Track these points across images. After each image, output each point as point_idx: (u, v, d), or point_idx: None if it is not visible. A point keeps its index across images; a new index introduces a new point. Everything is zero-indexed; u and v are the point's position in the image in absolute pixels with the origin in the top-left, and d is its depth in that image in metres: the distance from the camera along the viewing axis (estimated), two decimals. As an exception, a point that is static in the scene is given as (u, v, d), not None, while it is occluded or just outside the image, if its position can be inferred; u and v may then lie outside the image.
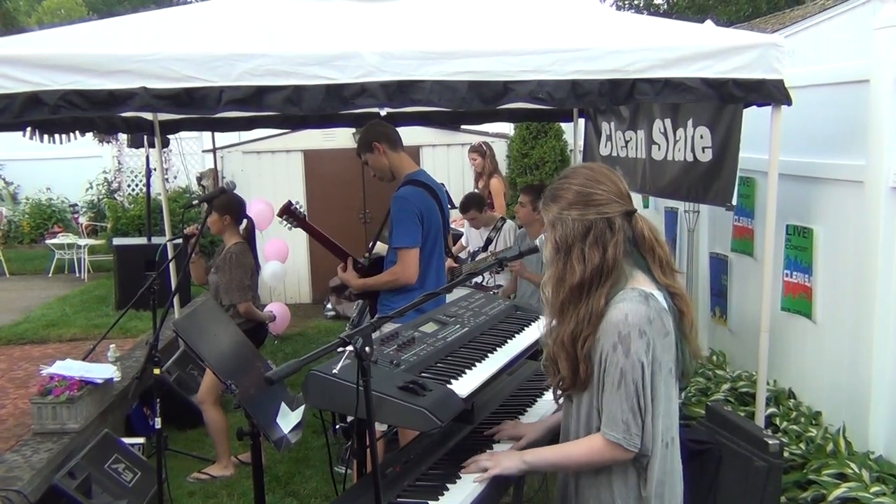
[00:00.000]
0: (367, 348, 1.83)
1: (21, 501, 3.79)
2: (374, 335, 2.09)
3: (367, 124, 4.16)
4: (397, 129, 4.19)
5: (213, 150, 9.98)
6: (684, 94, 3.41)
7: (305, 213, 4.56)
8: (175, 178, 11.71)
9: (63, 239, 11.60)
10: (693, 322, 2.15)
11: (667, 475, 2.09)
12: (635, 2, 25.82)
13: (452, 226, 8.01)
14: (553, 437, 2.44)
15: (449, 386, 2.26)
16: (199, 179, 11.17)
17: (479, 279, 6.03)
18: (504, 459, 2.22)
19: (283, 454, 4.60)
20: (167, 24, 3.74)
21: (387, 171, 4.07)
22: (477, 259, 6.31)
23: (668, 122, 4.57)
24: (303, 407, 3.17)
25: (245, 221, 5.03)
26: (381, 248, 4.55)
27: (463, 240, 7.04)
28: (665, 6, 25.27)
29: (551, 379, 2.18)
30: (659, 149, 4.70)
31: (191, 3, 4.01)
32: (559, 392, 2.18)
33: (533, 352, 2.86)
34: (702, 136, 4.13)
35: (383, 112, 3.44)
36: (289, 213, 4.39)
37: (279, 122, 6.12)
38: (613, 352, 1.98)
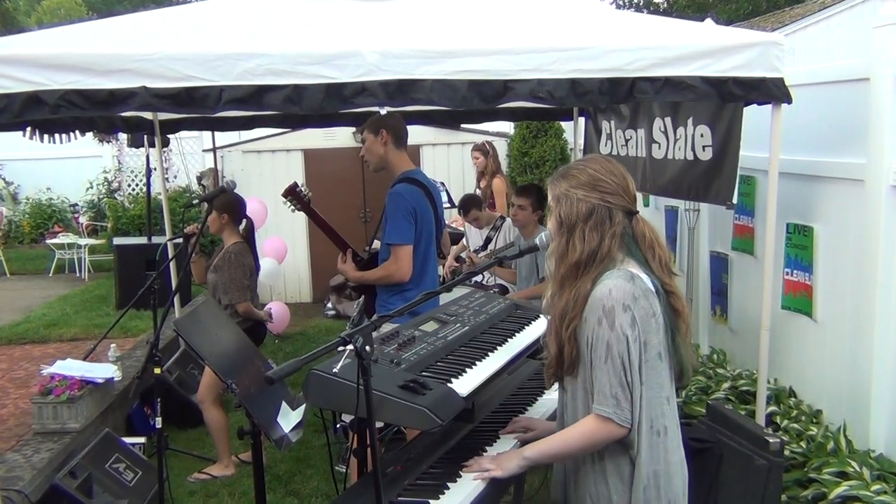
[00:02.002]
0: (367, 347, 1.83)
1: (22, 501, 3.79)
2: (375, 334, 2.09)
3: (385, 114, 4.11)
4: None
5: (213, 150, 9.99)
6: (684, 93, 3.41)
7: (308, 196, 4.49)
8: (175, 177, 11.72)
9: (63, 239, 11.60)
10: (688, 324, 2.18)
11: (662, 466, 2.08)
12: (635, 0, 25.83)
13: (453, 226, 8.04)
14: None
15: (449, 385, 2.26)
16: (200, 179, 11.17)
17: (478, 278, 6.04)
18: (505, 461, 2.23)
19: (283, 453, 4.60)
20: (167, 24, 3.73)
21: (378, 161, 4.02)
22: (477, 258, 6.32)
23: (668, 120, 4.56)
24: (303, 406, 3.17)
25: (245, 221, 5.03)
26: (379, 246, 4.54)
27: (464, 239, 7.04)
28: (665, 4, 25.29)
29: (545, 355, 2.21)
30: (659, 147, 4.70)
31: (190, 2, 4.01)
32: (547, 372, 2.20)
33: (533, 350, 2.86)
34: (702, 135, 4.13)
35: (383, 111, 3.44)
36: (293, 194, 4.35)
37: (279, 122, 6.12)
38: (599, 326, 2.02)
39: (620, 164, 2.22)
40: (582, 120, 6.24)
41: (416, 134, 8.76)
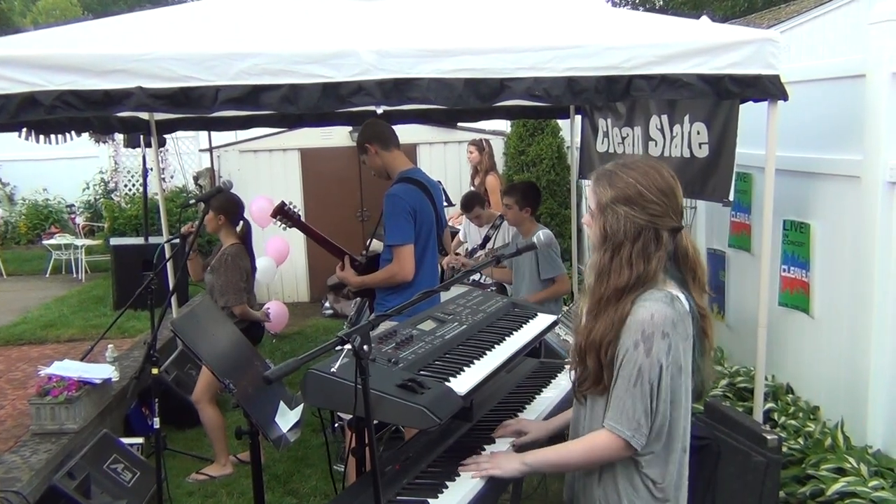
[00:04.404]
0: (365, 347, 1.83)
1: (20, 502, 3.79)
2: (372, 333, 2.09)
3: (363, 125, 4.18)
4: (394, 126, 4.19)
5: (210, 150, 9.97)
6: (680, 91, 3.40)
7: (300, 212, 4.54)
8: (172, 177, 11.72)
9: (60, 239, 11.58)
10: (713, 345, 2.17)
11: (682, 479, 2.12)
12: (631, -2, 25.80)
13: (449, 223, 8.03)
14: (555, 439, 2.44)
15: (447, 384, 2.26)
16: (196, 179, 11.17)
17: (476, 276, 6.04)
18: (504, 461, 2.22)
19: (282, 453, 4.59)
20: (163, 24, 3.73)
21: (382, 170, 4.13)
22: (475, 256, 6.32)
23: (664, 118, 4.57)
24: (301, 406, 3.16)
25: (242, 224, 5.02)
26: (377, 245, 4.54)
27: (460, 235, 7.04)
28: (661, 2, 25.27)
29: (574, 369, 2.16)
30: (656, 145, 4.70)
31: (186, 2, 4.01)
32: (579, 389, 2.16)
33: (531, 349, 2.86)
34: (698, 132, 4.13)
35: (380, 110, 3.44)
36: (282, 213, 4.37)
37: (276, 121, 6.12)
38: (634, 349, 1.97)
39: (669, 170, 2.10)
40: (578, 118, 6.24)
41: (413, 133, 8.79)
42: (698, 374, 2.11)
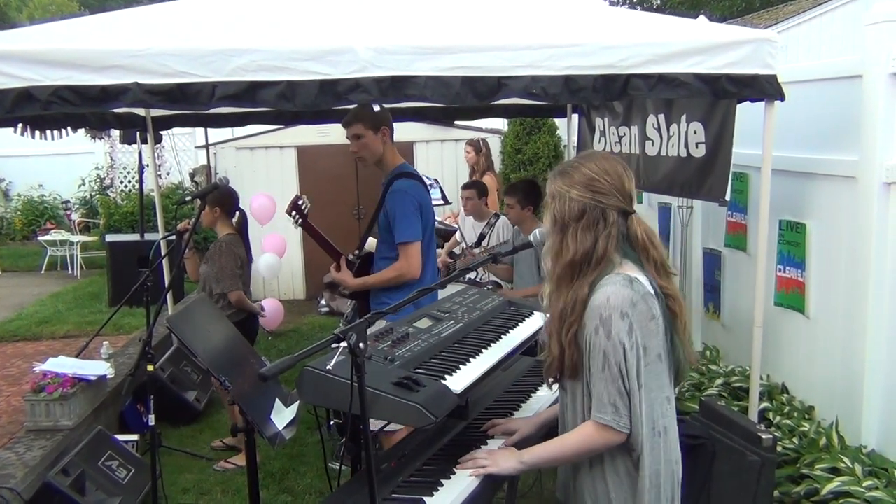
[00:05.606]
0: (361, 344, 1.83)
1: (14, 499, 3.78)
2: (368, 331, 2.09)
3: (373, 107, 4.03)
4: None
5: (206, 146, 9.95)
6: (678, 90, 3.41)
7: (308, 208, 4.47)
8: (168, 174, 11.68)
9: (55, 235, 11.54)
10: (686, 324, 2.17)
11: (663, 465, 2.10)
12: (629, -3, 25.82)
13: (446, 222, 8.03)
14: (547, 431, 2.45)
15: (443, 382, 2.26)
16: (193, 175, 11.14)
17: (472, 275, 6.03)
18: (501, 459, 2.23)
19: (277, 450, 4.60)
20: (159, 19, 3.71)
21: (376, 157, 3.96)
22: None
23: (661, 117, 4.57)
24: (297, 403, 3.16)
25: (237, 214, 5.02)
26: (371, 245, 4.51)
27: (457, 235, 7.04)
28: (658, 2, 25.29)
29: (545, 356, 2.20)
30: (653, 144, 4.70)
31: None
32: (549, 374, 2.20)
33: (527, 347, 2.86)
34: (695, 132, 4.13)
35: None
36: (296, 209, 4.33)
37: (272, 118, 6.10)
38: (595, 335, 2.02)
39: (620, 161, 2.20)
40: (575, 117, 6.25)
41: (410, 130, 8.78)
42: (673, 355, 2.12)
